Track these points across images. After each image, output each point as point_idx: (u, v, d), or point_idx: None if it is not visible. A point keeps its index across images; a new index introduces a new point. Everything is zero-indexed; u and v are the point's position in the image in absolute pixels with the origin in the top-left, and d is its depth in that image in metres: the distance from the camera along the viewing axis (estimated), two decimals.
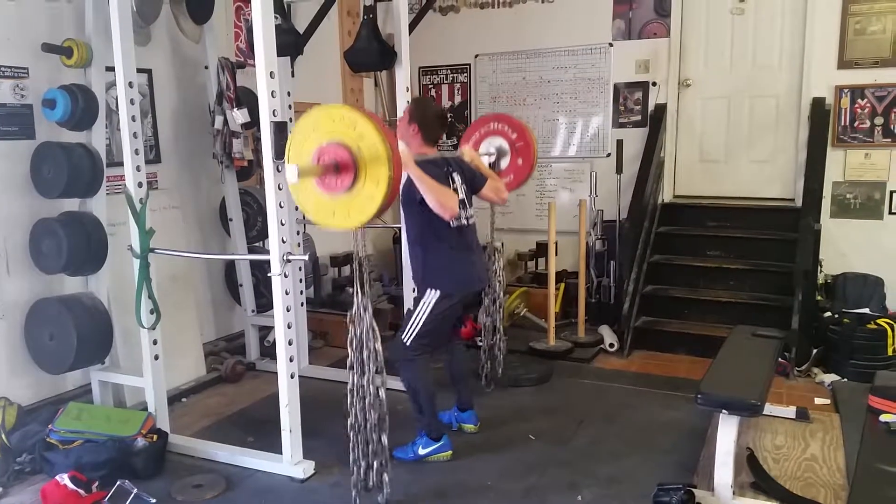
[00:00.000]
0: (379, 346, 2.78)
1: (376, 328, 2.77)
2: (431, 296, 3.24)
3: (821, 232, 4.76)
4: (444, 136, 6.56)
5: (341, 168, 2.53)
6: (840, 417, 3.75)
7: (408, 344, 3.26)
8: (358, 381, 2.78)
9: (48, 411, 3.51)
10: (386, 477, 2.86)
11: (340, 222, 2.63)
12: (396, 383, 4.16)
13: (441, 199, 3.03)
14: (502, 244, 4.26)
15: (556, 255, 5.08)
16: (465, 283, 3.36)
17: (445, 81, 6.59)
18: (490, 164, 3.91)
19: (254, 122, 4.17)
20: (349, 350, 2.78)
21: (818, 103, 5.16)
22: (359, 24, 4.15)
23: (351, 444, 2.82)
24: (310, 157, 2.59)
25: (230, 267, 4.77)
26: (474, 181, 3.43)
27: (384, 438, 2.83)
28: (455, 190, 3.27)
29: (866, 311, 4.66)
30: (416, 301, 3.32)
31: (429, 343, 3.31)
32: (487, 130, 4.05)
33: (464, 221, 3.31)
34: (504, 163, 4.03)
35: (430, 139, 3.31)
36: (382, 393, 2.81)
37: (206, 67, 4.37)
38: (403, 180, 3.04)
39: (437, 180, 3.08)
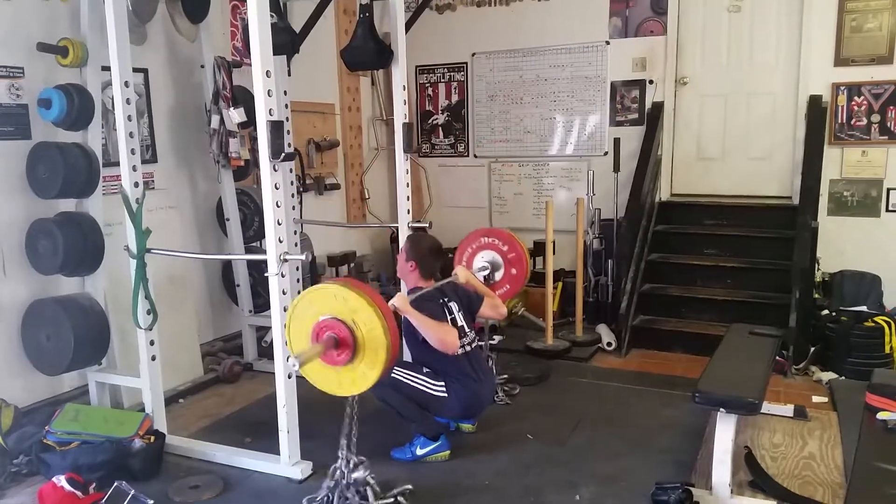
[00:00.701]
0: None
1: None
2: (440, 388, 3.31)
3: (818, 230, 4.77)
4: (443, 136, 6.58)
5: (340, 343, 2.61)
6: (838, 415, 3.75)
7: (392, 378, 3.22)
8: None
9: (45, 413, 3.50)
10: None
11: (347, 389, 2.72)
12: None
13: (441, 338, 3.14)
14: None
15: (554, 253, 5.08)
16: (472, 404, 3.44)
17: (442, 80, 6.58)
18: (485, 278, 4.01)
19: (250, 122, 4.16)
20: None
21: (815, 101, 5.17)
22: (355, 22, 4.14)
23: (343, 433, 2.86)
24: (309, 332, 2.66)
25: (227, 267, 4.76)
26: (471, 304, 3.52)
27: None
28: (454, 320, 3.37)
29: (863, 308, 4.68)
30: (430, 374, 3.32)
31: (404, 399, 3.31)
32: (479, 245, 4.14)
33: (467, 349, 3.40)
34: (498, 275, 4.12)
35: (427, 273, 3.43)
36: None
37: (203, 66, 4.36)
38: (404, 319, 3.15)
39: (434, 316, 3.21)
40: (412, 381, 3.28)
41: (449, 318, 3.37)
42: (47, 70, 3.62)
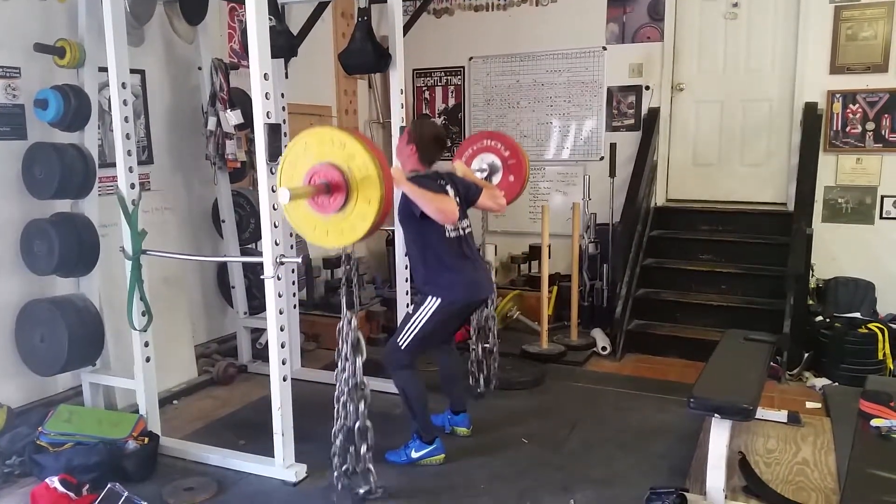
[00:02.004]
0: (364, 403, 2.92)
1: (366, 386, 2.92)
2: (433, 303, 3.23)
3: (812, 236, 4.79)
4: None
5: (333, 188, 2.57)
6: (831, 421, 3.76)
7: (402, 347, 3.26)
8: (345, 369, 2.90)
9: (38, 413, 3.49)
10: (371, 466, 2.91)
11: (334, 241, 2.68)
12: (389, 386, 4.17)
13: (439, 206, 3.04)
14: (495, 247, 4.27)
15: (549, 258, 5.08)
16: (471, 291, 3.35)
17: (439, 84, 6.59)
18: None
19: (247, 124, 4.16)
20: (338, 339, 2.88)
21: (810, 108, 5.19)
22: (353, 25, 4.14)
23: (335, 431, 2.91)
24: (302, 179, 2.62)
25: (222, 269, 4.76)
26: (469, 193, 3.42)
27: (368, 424, 2.90)
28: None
29: (857, 315, 4.69)
30: (416, 305, 3.31)
31: (423, 348, 3.31)
32: (480, 147, 4.09)
33: (461, 231, 3.32)
34: (496, 179, 4.06)
35: (426, 160, 3.32)
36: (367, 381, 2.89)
37: (200, 68, 4.36)
38: (399, 199, 3.08)
39: (431, 191, 3.10)
40: (412, 328, 3.24)
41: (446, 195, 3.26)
42: (44, 70, 3.61)
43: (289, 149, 2.70)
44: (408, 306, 3.40)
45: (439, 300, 3.22)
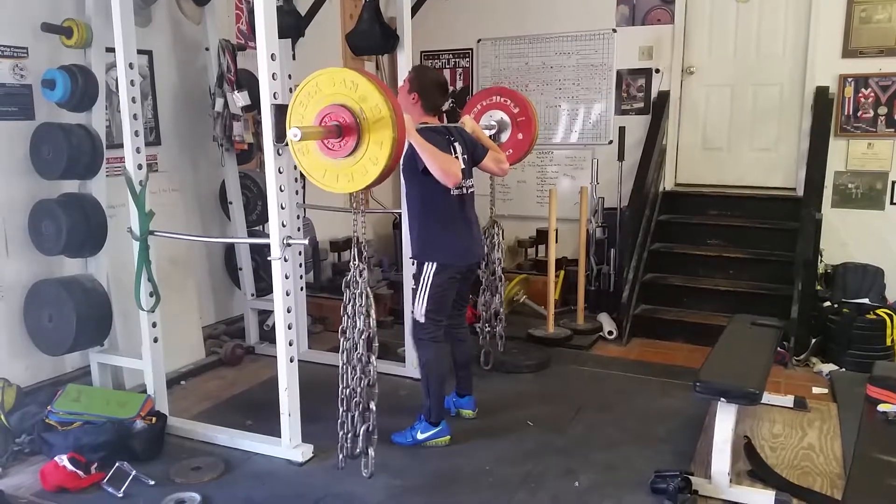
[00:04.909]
0: (373, 313, 2.86)
1: (371, 295, 2.85)
2: (430, 269, 3.26)
3: (822, 222, 4.75)
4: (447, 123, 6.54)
5: (344, 130, 2.52)
6: (838, 407, 3.76)
7: (422, 321, 3.28)
8: (350, 348, 2.87)
9: (47, 393, 3.52)
10: (371, 450, 2.89)
11: (345, 186, 2.63)
12: (396, 368, 4.19)
13: (444, 166, 3.03)
14: (502, 231, 4.25)
15: (557, 242, 5.07)
16: (459, 255, 3.34)
17: (447, 66, 6.55)
18: (490, 137, 3.86)
19: (254, 105, 4.15)
20: (343, 316, 2.87)
21: (822, 92, 5.14)
22: (361, 6, 4.12)
23: (340, 411, 2.88)
24: (312, 120, 2.58)
25: (230, 250, 4.76)
26: (475, 152, 3.40)
27: (372, 405, 2.87)
28: (456, 159, 3.24)
29: (866, 301, 4.67)
30: (417, 277, 3.33)
31: (439, 313, 3.32)
32: (490, 103, 4.03)
33: (464, 191, 3.31)
34: (504, 136, 4.00)
35: (430, 108, 3.29)
36: (374, 360, 2.86)
37: (207, 49, 4.34)
38: (405, 149, 3.01)
39: (438, 148, 3.08)
40: (421, 296, 3.26)
41: (453, 155, 3.24)
42: (51, 51, 3.60)
43: (299, 89, 2.64)
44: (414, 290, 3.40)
45: (435, 264, 3.24)
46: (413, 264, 3.54)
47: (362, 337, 2.84)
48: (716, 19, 5.55)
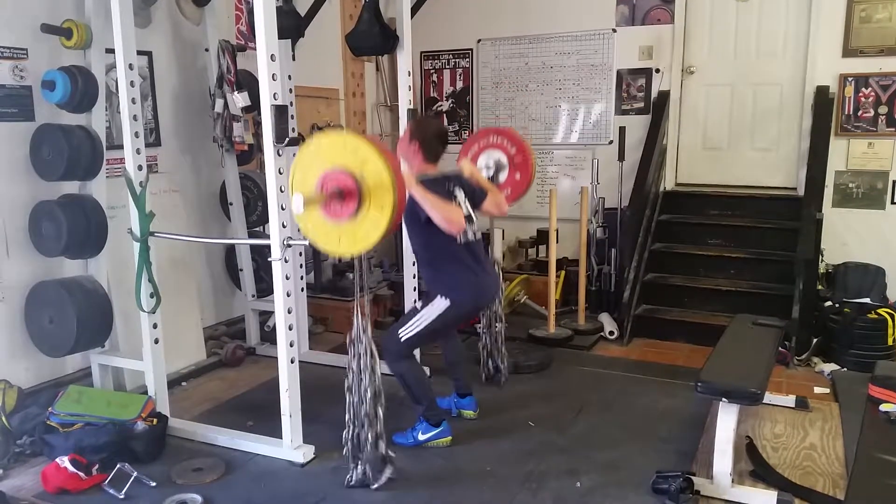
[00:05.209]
0: (378, 369, 2.88)
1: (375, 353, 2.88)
2: (441, 303, 3.23)
3: (822, 221, 4.75)
4: (447, 123, 6.55)
5: (345, 194, 2.55)
6: (839, 407, 3.75)
7: (402, 339, 3.25)
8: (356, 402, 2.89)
9: (48, 394, 3.51)
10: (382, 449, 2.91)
11: (347, 248, 2.66)
12: None
13: (447, 216, 3.05)
14: (502, 231, 4.25)
15: (557, 242, 5.07)
16: (479, 295, 3.36)
17: (447, 66, 6.55)
18: (488, 178, 3.91)
19: (254, 106, 4.15)
20: (348, 372, 2.88)
21: (822, 92, 5.14)
22: (360, 7, 4.12)
23: (348, 418, 2.91)
24: (314, 185, 2.60)
25: (230, 251, 4.76)
26: (475, 196, 3.42)
27: (380, 411, 2.89)
28: (458, 205, 3.27)
29: (867, 300, 4.67)
30: (425, 302, 3.30)
31: (422, 344, 3.34)
32: (486, 143, 4.06)
33: (470, 236, 3.31)
34: (502, 177, 4.03)
35: (431, 157, 3.31)
36: (381, 413, 2.88)
37: (207, 50, 4.34)
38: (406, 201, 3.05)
39: (440, 198, 3.10)
40: (417, 324, 3.24)
41: (454, 203, 3.25)
42: (51, 52, 3.60)
43: (300, 154, 2.68)
44: (415, 302, 3.38)
45: (448, 302, 3.22)
46: (415, 276, 3.53)
47: (368, 394, 2.85)
48: (716, 19, 5.55)
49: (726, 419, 2.82)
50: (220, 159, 4.48)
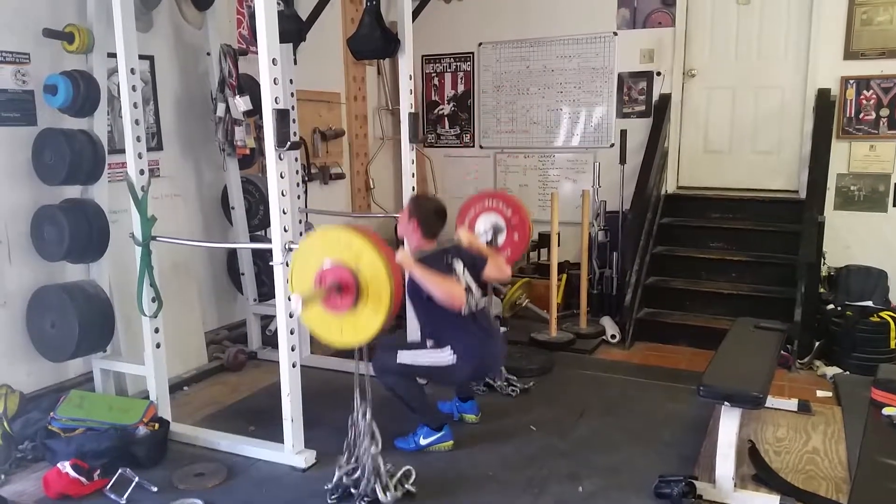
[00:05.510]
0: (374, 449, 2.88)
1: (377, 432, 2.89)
2: (447, 357, 3.22)
3: (824, 224, 4.75)
4: (449, 127, 6.56)
5: (343, 289, 2.59)
6: (842, 410, 3.74)
7: (398, 362, 3.24)
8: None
9: (50, 399, 3.51)
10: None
11: (349, 339, 2.70)
12: None
13: (447, 291, 3.06)
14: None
15: (559, 245, 5.07)
16: (481, 365, 3.38)
17: (448, 70, 6.55)
18: (487, 242, 3.96)
19: (256, 110, 4.15)
20: (345, 450, 2.92)
21: (823, 94, 5.13)
22: (362, 10, 4.12)
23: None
24: (312, 280, 2.65)
25: (232, 255, 4.76)
26: (476, 264, 3.42)
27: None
28: (458, 278, 3.28)
29: (869, 303, 4.67)
30: (434, 346, 3.28)
31: (414, 377, 3.33)
32: (483, 207, 4.12)
33: (473, 308, 3.32)
34: (501, 239, 4.09)
35: (429, 234, 3.34)
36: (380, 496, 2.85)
37: (209, 54, 4.34)
38: (407, 278, 3.09)
39: (440, 273, 3.13)
40: (419, 359, 3.25)
41: (454, 276, 3.27)
42: (53, 56, 3.61)
43: (297, 251, 2.75)
44: (425, 338, 3.40)
45: (453, 360, 3.22)
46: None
47: (365, 477, 2.85)
48: (717, 22, 5.55)
49: (728, 423, 2.82)
50: (221, 163, 4.48)
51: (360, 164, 6.26)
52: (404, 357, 3.25)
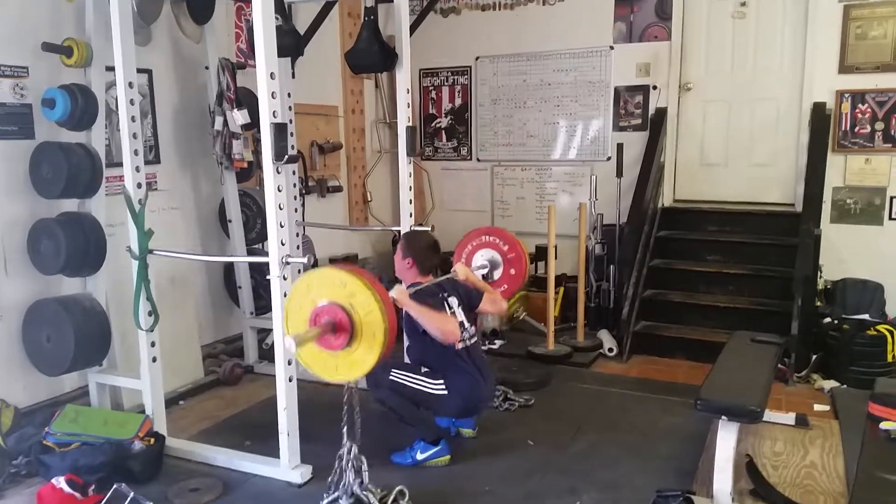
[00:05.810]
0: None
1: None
2: (439, 388, 3.27)
3: (821, 237, 4.76)
4: (446, 140, 6.58)
5: (338, 327, 2.61)
6: (840, 424, 3.74)
7: (391, 379, 3.25)
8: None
9: (45, 414, 3.50)
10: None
11: (344, 375, 2.72)
12: None
13: (442, 328, 3.13)
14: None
15: (556, 258, 5.07)
16: (470, 403, 3.40)
17: (446, 83, 6.58)
18: (483, 276, 4.00)
19: (254, 124, 4.16)
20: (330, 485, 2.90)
21: (819, 108, 5.16)
22: (360, 25, 4.15)
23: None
24: (306, 320, 2.66)
25: (229, 269, 4.76)
26: (471, 300, 3.49)
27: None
28: (453, 314, 3.34)
29: (866, 317, 4.67)
30: (428, 374, 3.31)
31: (405, 396, 3.32)
32: (479, 243, 4.17)
33: (467, 343, 3.36)
34: (497, 274, 4.13)
35: (425, 270, 3.42)
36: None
37: (207, 68, 4.36)
38: (404, 312, 3.14)
39: (434, 308, 3.19)
40: (411, 381, 3.27)
41: (448, 312, 3.35)
42: (52, 70, 3.62)
43: (292, 292, 2.76)
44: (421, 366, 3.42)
45: (445, 393, 3.28)
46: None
47: None
48: (712, 36, 5.59)
49: (726, 437, 2.81)
50: (219, 177, 4.49)
51: (358, 177, 6.27)
52: (397, 375, 3.26)
